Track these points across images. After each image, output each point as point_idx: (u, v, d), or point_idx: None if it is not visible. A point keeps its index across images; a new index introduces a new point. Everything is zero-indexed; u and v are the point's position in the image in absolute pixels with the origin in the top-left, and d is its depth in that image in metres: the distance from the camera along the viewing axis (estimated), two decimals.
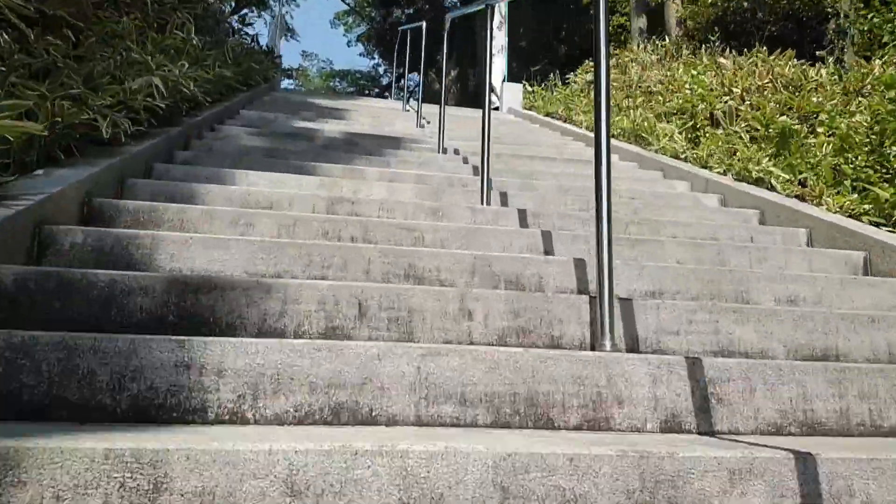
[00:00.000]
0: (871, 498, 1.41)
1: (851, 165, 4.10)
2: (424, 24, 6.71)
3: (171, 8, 5.88)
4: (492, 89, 5.29)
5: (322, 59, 40.12)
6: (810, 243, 3.42)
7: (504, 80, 10.17)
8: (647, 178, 4.85)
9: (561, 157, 5.34)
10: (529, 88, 9.42)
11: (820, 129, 4.76)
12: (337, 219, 2.71)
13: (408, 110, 8.24)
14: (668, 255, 2.90)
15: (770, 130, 4.94)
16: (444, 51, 5.07)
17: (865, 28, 7.46)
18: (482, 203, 3.33)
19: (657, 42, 9.08)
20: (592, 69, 2.36)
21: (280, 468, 1.19)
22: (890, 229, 3.42)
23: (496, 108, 10.37)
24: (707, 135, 5.45)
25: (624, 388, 1.72)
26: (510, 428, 1.63)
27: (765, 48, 6.99)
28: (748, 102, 5.87)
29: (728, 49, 7.68)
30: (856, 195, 3.76)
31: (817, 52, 7.54)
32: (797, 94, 5.67)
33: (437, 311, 2.00)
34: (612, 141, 6.50)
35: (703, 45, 8.47)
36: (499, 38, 10.33)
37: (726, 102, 5.98)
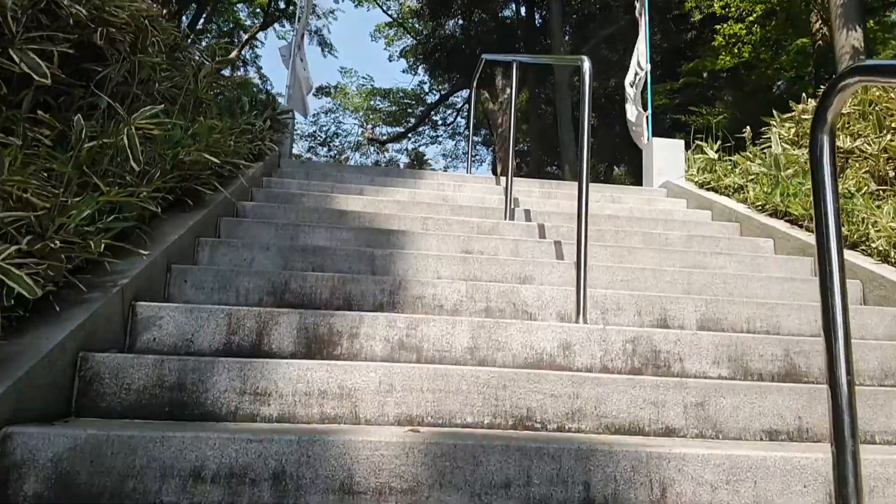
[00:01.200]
0: None
1: None
2: (588, 63, 2.89)
3: None
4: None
5: (362, 76, 36.79)
6: None
7: (649, 135, 6.26)
8: None
9: None
10: (712, 154, 5.44)
11: None
12: None
13: (513, 215, 4.43)
14: None
15: None
16: None
17: None
18: None
19: None
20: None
21: None
22: None
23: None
24: None
25: None
26: None
27: None
28: None
29: None
30: None
31: None
32: None
33: None
34: None
35: None
36: (632, 73, 6.42)
37: None
